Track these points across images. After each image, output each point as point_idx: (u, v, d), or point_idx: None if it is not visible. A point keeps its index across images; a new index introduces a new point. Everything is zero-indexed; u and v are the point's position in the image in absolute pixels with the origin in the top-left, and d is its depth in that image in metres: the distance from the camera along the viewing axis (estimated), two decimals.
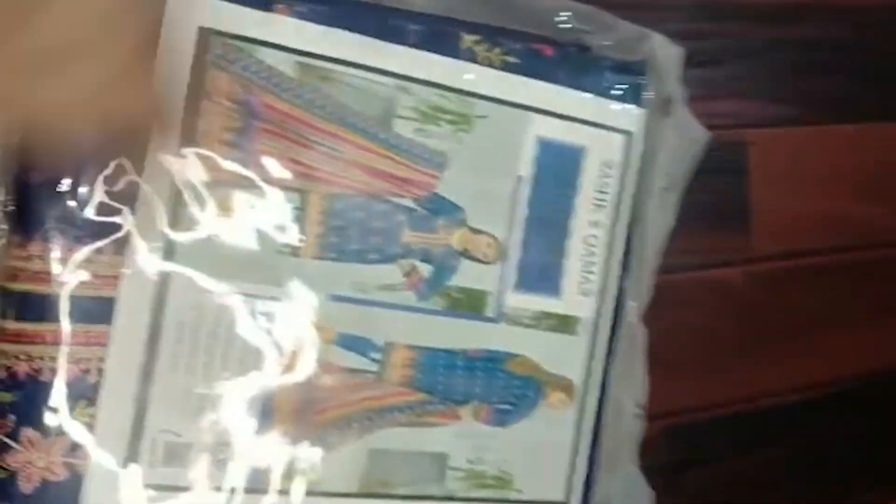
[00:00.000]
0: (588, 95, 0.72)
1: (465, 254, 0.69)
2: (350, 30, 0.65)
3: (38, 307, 0.59)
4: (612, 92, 0.73)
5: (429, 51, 0.67)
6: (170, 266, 0.61)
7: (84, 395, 0.60)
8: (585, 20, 0.72)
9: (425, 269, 0.68)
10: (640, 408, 0.76)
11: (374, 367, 0.67)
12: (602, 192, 0.72)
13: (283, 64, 0.63)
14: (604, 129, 0.72)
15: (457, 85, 0.68)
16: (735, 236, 0.88)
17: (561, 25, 0.72)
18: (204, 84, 0.61)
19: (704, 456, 0.88)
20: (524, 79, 0.69)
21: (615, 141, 0.73)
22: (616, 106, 0.73)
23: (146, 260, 0.61)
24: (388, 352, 0.68)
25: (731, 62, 0.86)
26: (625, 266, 0.75)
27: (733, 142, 0.86)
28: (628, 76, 0.73)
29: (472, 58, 0.68)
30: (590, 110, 0.72)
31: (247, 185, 0.63)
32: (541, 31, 0.71)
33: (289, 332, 0.65)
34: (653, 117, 0.74)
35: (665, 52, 0.74)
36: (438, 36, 0.67)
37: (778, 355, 0.89)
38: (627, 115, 0.73)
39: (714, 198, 0.86)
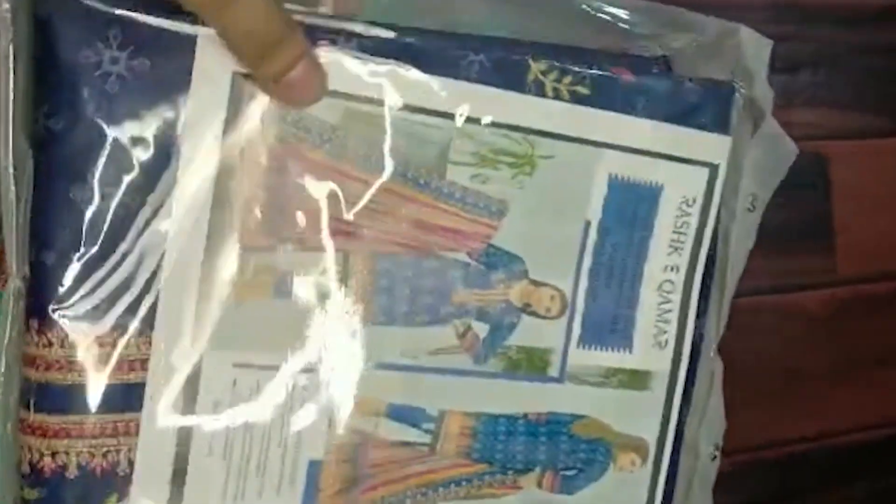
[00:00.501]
0: (668, 126, 0.63)
1: (526, 309, 0.63)
2: (402, 63, 0.57)
3: (59, 398, 0.53)
4: (697, 119, 0.64)
5: (492, 84, 0.59)
6: (201, 344, 0.55)
7: (114, 488, 0.55)
8: (660, 19, 0.65)
9: (482, 329, 0.62)
10: (716, 449, 0.70)
11: (428, 439, 0.61)
12: (680, 232, 0.65)
13: (324, 111, 0.56)
14: (685, 164, 0.64)
15: (522, 123, 0.60)
16: (816, 257, 0.83)
17: (633, 29, 0.65)
18: (239, 137, 0.55)
19: (780, 495, 0.84)
20: (596, 112, 0.62)
21: (697, 175, 0.65)
22: (701, 135, 0.65)
23: (175, 339, 0.55)
24: (443, 421, 0.62)
25: (811, 68, 0.81)
26: (702, 299, 0.67)
27: (813, 154, 0.81)
28: (716, 100, 0.65)
29: (539, 91, 0.60)
30: (670, 143, 0.64)
31: (283, 247, 0.57)
32: (611, 36, 0.64)
33: (333, 405, 0.59)
34: (739, 128, 0.66)
35: (753, 49, 0.66)
36: (503, 66, 0.60)
37: (863, 386, 0.85)
38: (713, 145, 0.65)
39: (792, 215, 0.81)
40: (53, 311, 0.53)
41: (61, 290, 0.53)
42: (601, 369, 0.65)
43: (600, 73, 0.62)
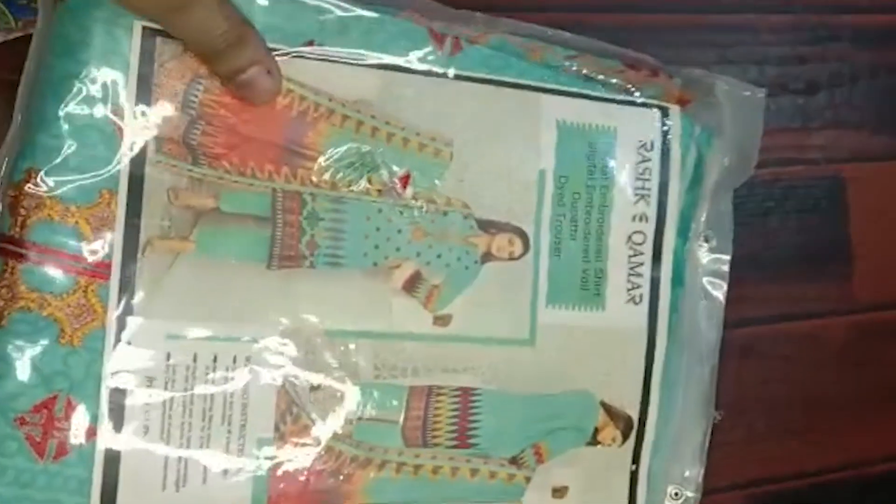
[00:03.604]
0: None
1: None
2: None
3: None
4: None
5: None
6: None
7: None
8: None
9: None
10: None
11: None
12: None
13: None
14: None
15: None
16: (833, 283, 0.80)
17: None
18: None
19: None
20: None
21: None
22: None
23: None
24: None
25: (829, 89, 0.78)
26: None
27: (830, 177, 0.79)
28: None
29: None
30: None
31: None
32: None
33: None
34: None
35: None
36: None
37: (886, 417, 0.81)
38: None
39: (809, 239, 0.78)
40: None
41: None
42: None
43: None
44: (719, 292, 0.66)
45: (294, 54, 0.55)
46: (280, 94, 0.54)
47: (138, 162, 0.52)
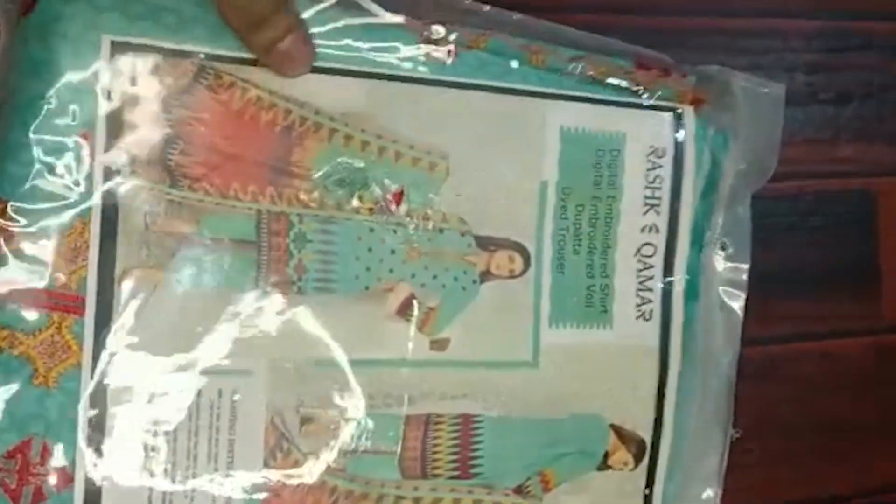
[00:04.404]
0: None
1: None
2: None
3: None
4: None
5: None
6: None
7: None
8: None
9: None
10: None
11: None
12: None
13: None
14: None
15: None
16: (860, 301, 0.77)
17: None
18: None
19: None
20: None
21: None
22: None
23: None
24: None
25: (861, 99, 0.76)
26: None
27: (859, 191, 0.76)
28: None
29: None
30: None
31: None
32: None
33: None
34: None
35: None
36: None
37: None
38: None
39: (835, 256, 0.76)
40: None
41: None
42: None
43: None
44: (737, 303, 0.63)
45: None
46: (263, 109, 0.51)
47: (112, 187, 0.50)
